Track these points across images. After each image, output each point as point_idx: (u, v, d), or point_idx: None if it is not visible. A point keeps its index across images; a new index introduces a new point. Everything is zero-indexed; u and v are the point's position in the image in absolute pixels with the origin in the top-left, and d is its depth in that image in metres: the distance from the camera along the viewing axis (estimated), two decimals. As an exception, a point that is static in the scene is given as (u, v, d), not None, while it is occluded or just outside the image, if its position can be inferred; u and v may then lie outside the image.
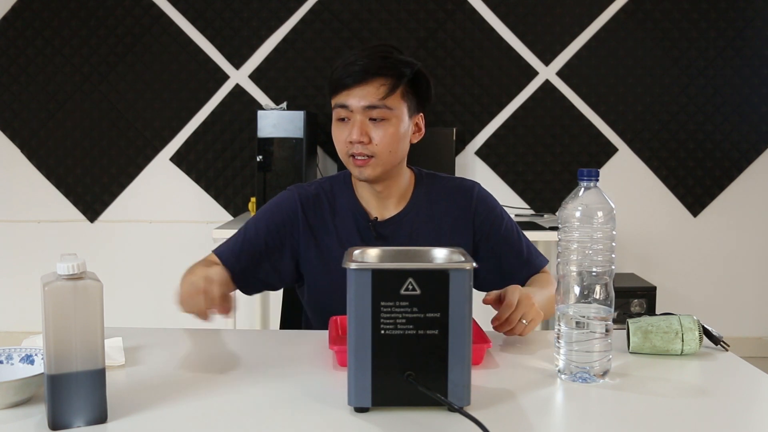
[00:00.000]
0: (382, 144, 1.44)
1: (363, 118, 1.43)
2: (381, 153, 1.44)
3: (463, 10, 3.71)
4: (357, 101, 1.42)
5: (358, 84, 1.42)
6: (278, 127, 3.35)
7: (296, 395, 1.03)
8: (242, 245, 1.52)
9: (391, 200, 1.54)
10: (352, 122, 1.44)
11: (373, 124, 1.44)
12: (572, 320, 1.10)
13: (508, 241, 1.57)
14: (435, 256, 1.08)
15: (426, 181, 1.59)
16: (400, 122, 1.45)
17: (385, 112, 1.43)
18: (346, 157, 1.47)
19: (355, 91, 1.42)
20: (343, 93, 1.43)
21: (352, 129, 1.43)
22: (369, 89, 1.42)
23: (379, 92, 1.42)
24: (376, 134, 1.44)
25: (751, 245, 3.83)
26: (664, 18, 3.71)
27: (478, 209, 1.56)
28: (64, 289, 0.88)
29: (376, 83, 1.42)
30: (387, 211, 1.54)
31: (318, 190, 1.56)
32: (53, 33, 3.73)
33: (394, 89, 1.43)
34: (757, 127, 3.76)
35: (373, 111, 1.43)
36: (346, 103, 1.43)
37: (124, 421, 0.93)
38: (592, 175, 1.10)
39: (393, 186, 1.53)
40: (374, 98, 1.42)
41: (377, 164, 1.45)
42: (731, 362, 1.22)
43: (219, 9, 3.72)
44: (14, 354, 1.11)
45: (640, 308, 3.37)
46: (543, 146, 3.77)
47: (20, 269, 3.84)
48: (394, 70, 1.43)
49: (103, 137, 3.79)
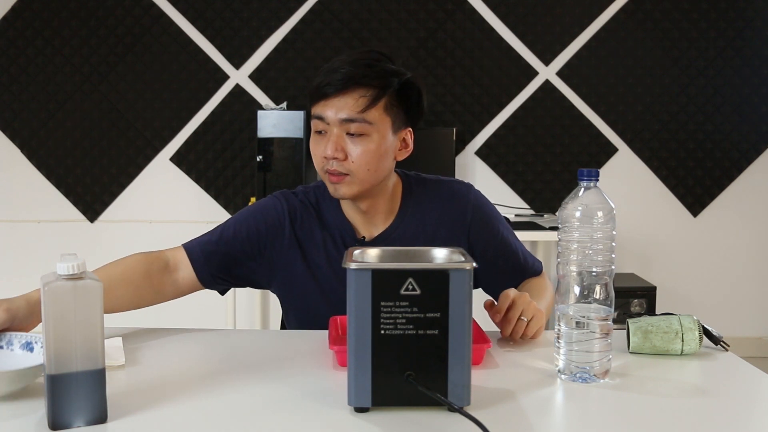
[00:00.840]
0: (359, 161, 1.33)
1: (340, 131, 1.33)
2: (357, 171, 1.33)
3: (463, 10, 3.71)
4: (334, 113, 1.32)
5: (337, 94, 1.31)
6: (278, 127, 3.35)
7: (296, 395, 1.03)
8: (216, 246, 1.43)
9: (378, 217, 1.45)
10: (328, 136, 1.34)
11: (351, 139, 1.33)
12: (572, 320, 1.10)
13: (504, 246, 1.50)
14: (435, 256, 1.08)
15: (415, 189, 1.48)
16: (381, 138, 1.34)
17: (363, 127, 1.32)
18: (322, 173, 1.37)
19: (333, 102, 1.31)
20: (321, 103, 1.33)
21: (327, 143, 1.33)
22: (347, 100, 1.31)
23: (358, 104, 1.31)
24: (353, 150, 1.32)
25: (751, 245, 3.83)
26: (664, 18, 3.71)
27: (473, 220, 1.47)
28: (64, 289, 0.88)
29: (356, 94, 1.31)
30: (375, 229, 1.45)
31: (304, 201, 1.48)
32: (53, 33, 3.73)
33: (376, 101, 1.31)
34: (757, 127, 3.76)
35: (350, 125, 1.32)
36: (322, 114, 1.33)
37: (124, 421, 0.93)
38: (592, 175, 1.10)
39: (378, 203, 1.43)
40: (352, 111, 1.31)
41: (353, 182, 1.35)
42: (731, 362, 1.22)
43: (219, 9, 3.72)
44: (15, 340, 1.11)
45: (640, 308, 3.37)
46: (543, 146, 3.77)
47: (20, 269, 3.83)
48: (378, 80, 1.31)
49: (103, 137, 3.79)
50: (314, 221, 1.46)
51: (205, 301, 3.74)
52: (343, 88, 1.31)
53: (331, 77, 1.31)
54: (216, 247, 1.43)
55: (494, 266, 1.50)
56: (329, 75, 1.32)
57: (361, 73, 1.31)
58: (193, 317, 3.76)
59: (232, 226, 1.46)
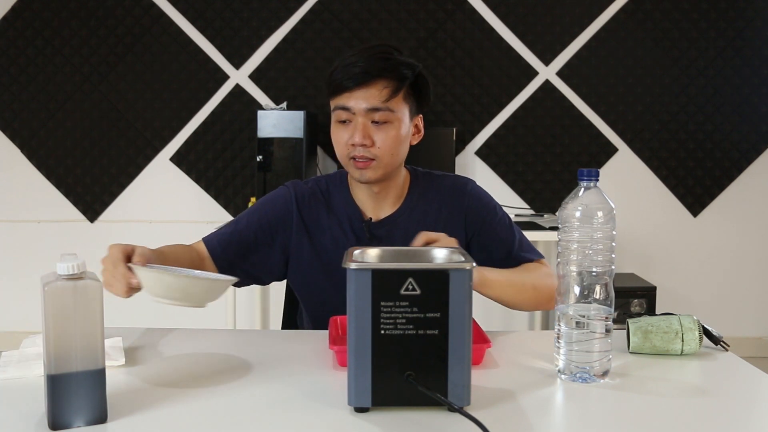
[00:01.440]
0: (384, 147, 1.43)
1: (365, 120, 1.42)
2: (383, 156, 1.43)
3: (463, 10, 3.71)
4: (359, 103, 1.41)
5: (360, 86, 1.40)
6: (278, 127, 3.35)
7: (296, 395, 1.03)
8: (231, 236, 1.51)
9: (387, 201, 1.54)
10: (354, 124, 1.42)
11: (375, 127, 1.42)
12: (572, 320, 1.10)
13: (499, 235, 1.55)
14: (435, 256, 1.08)
15: (421, 180, 1.58)
16: (401, 124, 1.44)
17: (387, 115, 1.42)
18: (346, 160, 1.46)
19: (357, 93, 1.40)
20: (345, 95, 1.41)
21: (354, 131, 1.41)
22: (371, 91, 1.40)
23: (381, 95, 1.40)
24: (378, 137, 1.42)
25: (751, 245, 3.84)
26: (664, 18, 3.71)
27: (470, 206, 1.55)
28: (64, 289, 0.88)
29: (379, 85, 1.41)
30: (382, 212, 1.54)
31: (314, 188, 1.56)
32: (53, 33, 3.73)
33: (397, 92, 1.42)
34: (757, 127, 3.76)
35: (375, 113, 1.41)
36: (347, 105, 1.41)
37: (124, 421, 0.93)
38: (592, 175, 1.10)
39: (390, 187, 1.52)
40: (377, 101, 1.40)
41: (378, 167, 1.44)
42: (731, 362, 1.22)
43: (219, 9, 3.72)
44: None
45: (640, 308, 3.37)
46: (543, 146, 3.77)
47: (20, 269, 3.84)
48: (397, 72, 1.42)
49: (103, 137, 3.79)
50: (322, 206, 1.54)
51: (205, 301, 3.74)
52: (365, 80, 1.40)
53: (351, 71, 1.40)
54: (231, 237, 1.52)
55: (488, 252, 1.54)
56: (349, 68, 1.40)
57: (381, 66, 1.41)
58: (193, 317, 3.76)
59: (245, 217, 1.55)
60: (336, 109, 1.44)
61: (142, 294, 1.18)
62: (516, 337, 1.35)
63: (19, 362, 1.14)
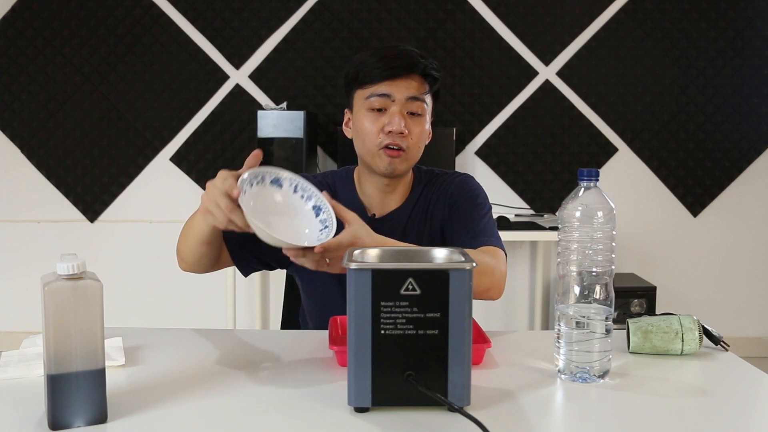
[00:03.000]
0: (416, 138, 1.45)
1: (403, 109, 1.44)
2: (413, 147, 1.46)
3: (463, 10, 3.71)
4: (401, 91, 1.43)
5: (404, 75, 1.43)
6: (278, 127, 3.35)
7: (296, 395, 1.03)
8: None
9: (394, 196, 1.55)
10: (391, 113, 1.43)
11: (410, 118, 1.45)
12: (572, 320, 1.10)
13: (466, 215, 1.52)
14: (435, 256, 1.08)
15: (424, 178, 1.60)
16: (427, 121, 1.48)
17: (423, 107, 1.45)
18: (375, 149, 1.45)
19: (400, 82, 1.43)
20: (384, 83, 1.43)
21: (393, 118, 1.43)
22: (413, 82, 1.44)
23: (421, 86, 1.44)
24: (413, 128, 1.45)
25: (751, 245, 3.84)
26: (664, 18, 3.71)
27: (453, 192, 1.55)
28: (64, 289, 0.88)
29: (419, 78, 1.45)
30: (387, 207, 1.55)
31: (322, 183, 1.57)
32: (53, 33, 3.73)
33: (430, 89, 1.46)
34: (757, 127, 3.76)
35: (414, 103, 1.44)
36: (387, 92, 1.43)
37: (124, 421, 0.93)
38: (592, 175, 1.10)
39: (400, 182, 1.54)
40: (418, 91, 1.44)
41: (407, 158, 1.46)
42: (731, 362, 1.22)
43: (219, 9, 3.72)
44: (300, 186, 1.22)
45: (640, 308, 3.37)
46: (543, 146, 3.77)
47: (20, 269, 3.84)
48: (435, 70, 1.47)
49: (103, 137, 3.79)
50: None
51: (205, 301, 3.74)
52: (410, 71, 1.44)
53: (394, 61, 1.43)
54: None
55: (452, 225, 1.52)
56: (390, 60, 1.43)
57: (420, 63, 1.45)
58: (193, 317, 3.76)
59: None
60: (372, 96, 1.44)
61: (142, 294, 1.18)
62: (516, 337, 1.35)
63: (19, 362, 1.14)
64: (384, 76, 1.43)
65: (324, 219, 1.20)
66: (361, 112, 1.47)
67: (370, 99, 1.45)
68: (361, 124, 1.47)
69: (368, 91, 1.45)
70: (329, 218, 1.21)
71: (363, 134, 1.47)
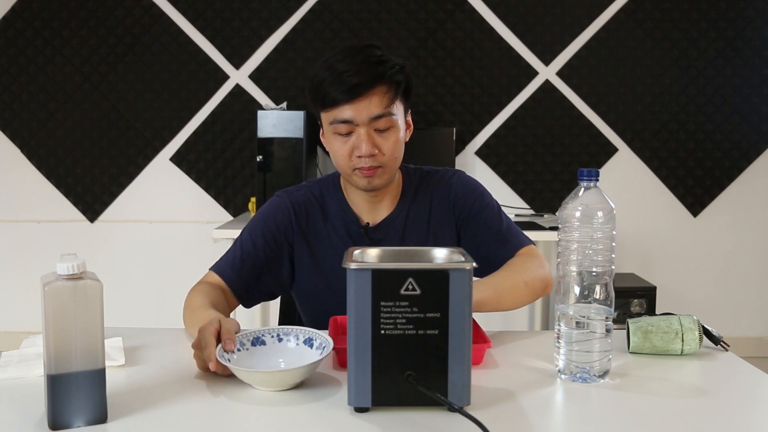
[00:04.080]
0: (389, 153, 1.39)
1: (369, 129, 1.37)
2: (389, 161, 1.40)
3: (463, 10, 3.71)
4: (361, 114, 1.35)
5: (359, 97, 1.34)
6: (278, 127, 3.35)
7: (296, 395, 1.03)
8: (242, 261, 1.47)
9: (384, 204, 1.51)
10: (357, 136, 1.37)
11: (378, 134, 1.38)
12: (572, 320, 1.10)
13: (487, 222, 1.51)
14: (435, 256, 1.08)
15: (414, 178, 1.56)
16: (400, 126, 1.41)
17: (390, 120, 1.38)
18: (349, 171, 1.41)
19: (357, 104, 1.34)
20: (342, 107, 1.35)
21: (360, 143, 1.36)
22: (373, 99, 1.35)
23: (383, 101, 1.35)
24: (383, 144, 1.38)
25: (751, 245, 3.83)
26: (664, 18, 3.71)
27: (457, 195, 1.52)
28: (64, 289, 0.88)
29: (380, 92, 1.35)
30: (379, 215, 1.51)
31: (308, 195, 1.52)
32: (53, 33, 3.73)
33: (395, 97, 1.38)
34: (757, 127, 3.76)
35: (379, 121, 1.37)
36: (348, 117, 1.36)
37: (124, 421, 0.93)
38: (592, 175, 1.10)
39: (387, 189, 1.50)
40: (379, 108, 1.35)
41: (384, 173, 1.41)
42: (731, 362, 1.22)
43: (219, 9, 3.72)
44: (300, 334, 1.16)
45: (640, 308, 3.36)
46: (543, 146, 3.77)
47: (20, 269, 3.84)
48: (394, 75, 1.37)
49: (103, 137, 3.79)
50: (318, 214, 1.51)
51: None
52: (367, 89, 1.34)
53: (348, 81, 1.33)
54: (242, 262, 1.47)
55: (477, 242, 1.50)
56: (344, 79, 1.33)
57: (379, 73, 1.34)
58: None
59: (249, 238, 1.50)
60: (334, 122, 1.38)
61: (142, 294, 1.18)
62: (516, 337, 1.35)
63: (19, 362, 1.14)
64: (343, 99, 1.34)
65: (320, 344, 1.14)
66: (329, 134, 1.41)
67: (333, 124, 1.38)
68: (332, 146, 1.42)
69: (330, 115, 1.38)
70: (323, 341, 1.14)
71: (335, 157, 1.42)
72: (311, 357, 1.11)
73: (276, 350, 1.15)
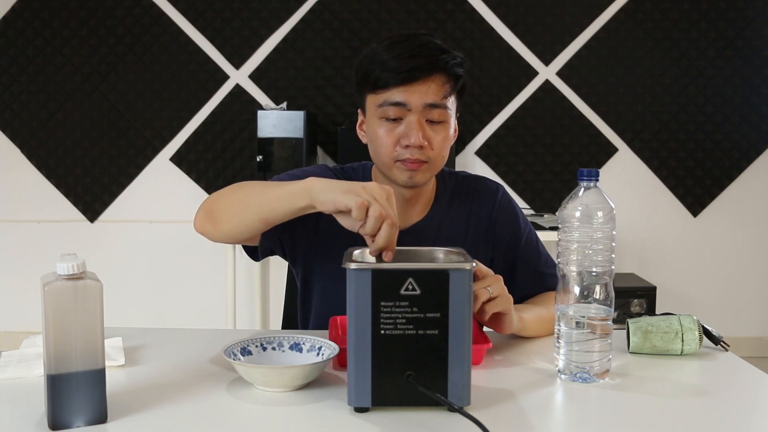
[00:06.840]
0: (438, 148, 1.29)
1: (421, 118, 1.27)
2: (436, 158, 1.30)
3: (463, 10, 3.71)
4: (418, 98, 1.25)
5: (420, 80, 1.25)
6: (278, 127, 3.35)
7: (296, 395, 1.03)
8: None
9: (417, 207, 1.41)
10: (408, 123, 1.27)
11: (430, 126, 1.28)
12: (572, 320, 1.10)
13: (524, 254, 1.45)
14: (435, 256, 1.08)
15: (449, 182, 1.46)
16: (451, 125, 1.32)
17: (444, 113, 1.29)
18: (391, 162, 1.30)
19: (416, 87, 1.25)
20: (398, 89, 1.25)
21: (410, 131, 1.26)
22: (431, 86, 1.26)
23: (442, 90, 1.27)
24: (434, 137, 1.28)
25: (751, 245, 3.83)
26: (664, 18, 3.71)
27: (498, 219, 1.44)
28: (64, 289, 0.88)
29: (440, 80, 1.27)
30: (409, 218, 1.40)
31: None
32: (53, 33, 3.73)
33: (453, 90, 1.30)
34: (757, 127, 3.76)
35: (434, 111, 1.27)
36: (402, 100, 1.26)
37: (124, 421, 0.93)
38: (592, 175, 1.10)
39: (422, 192, 1.40)
40: (437, 96, 1.26)
41: (428, 170, 1.31)
42: (731, 362, 1.22)
43: (219, 9, 3.72)
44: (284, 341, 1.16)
45: (640, 308, 3.36)
46: (543, 146, 3.77)
47: (20, 269, 3.84)
48: (458, 66, 1.29)
49: (103, 137, 3.79)
50: None
51: (205, 301, 3.74)
52: (428, 74, 1.26)
53: (409, 63, 1.24)
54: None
55: (513, 267, 1.45)
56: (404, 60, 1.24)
57: (442, 60, 1.26)
58: (193, 317, 3.76)
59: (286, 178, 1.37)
60: (384, 104, 1.27)
61: (142, 294, 1.18)
62: (516, 337, 1.35)
63: (19, 362, 1.14)
64: (399, 80, 1.25)
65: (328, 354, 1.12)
66: (374, 120, 1.30)
67: (383, 107, 1.27)
68: (375, 133, 1.30)
69: (381, 97, 1.27)
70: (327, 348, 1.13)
71: (377, 145, 1.31)
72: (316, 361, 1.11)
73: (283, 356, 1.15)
